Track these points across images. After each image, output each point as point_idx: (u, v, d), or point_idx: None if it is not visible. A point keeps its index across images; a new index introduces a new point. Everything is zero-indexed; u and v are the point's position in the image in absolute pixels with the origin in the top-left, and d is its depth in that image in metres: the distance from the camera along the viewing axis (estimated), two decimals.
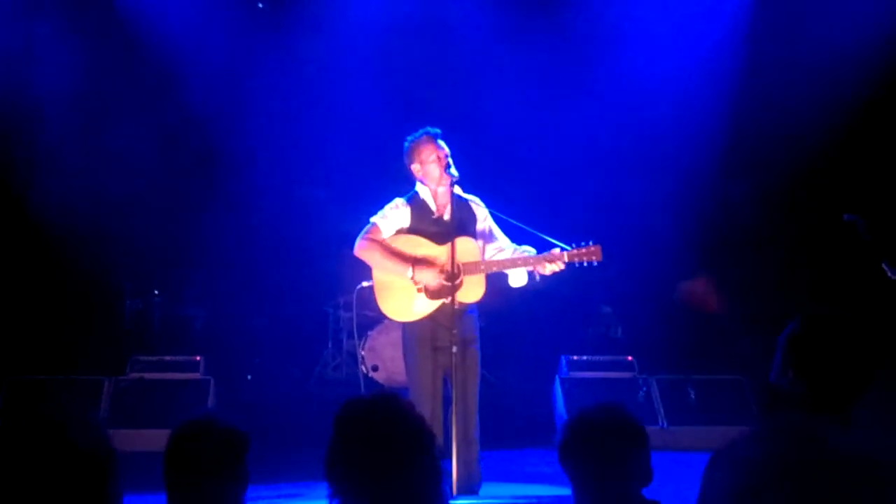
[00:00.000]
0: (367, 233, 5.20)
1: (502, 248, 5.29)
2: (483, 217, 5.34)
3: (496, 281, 5.29)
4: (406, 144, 5.27)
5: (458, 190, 5.21)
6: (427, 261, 5.10)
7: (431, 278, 5.05)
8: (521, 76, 8.58)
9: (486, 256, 5.24)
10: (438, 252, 5.11)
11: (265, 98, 8.51)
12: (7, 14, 7.78)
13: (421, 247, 5.15)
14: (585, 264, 5.01)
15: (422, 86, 8.54)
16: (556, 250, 5.03)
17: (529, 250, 5.14)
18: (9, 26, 7.76)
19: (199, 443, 2.52)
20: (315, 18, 8.53)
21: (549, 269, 5.02)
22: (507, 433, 6.89)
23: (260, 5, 8.76)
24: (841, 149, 8.08)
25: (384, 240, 5.17)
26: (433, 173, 5.18)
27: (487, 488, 5.12)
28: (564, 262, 5.01)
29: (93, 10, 8.11)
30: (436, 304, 5.08)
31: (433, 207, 5.23)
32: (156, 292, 8.57)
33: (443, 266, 5.07)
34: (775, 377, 2.60)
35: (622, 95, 8.41)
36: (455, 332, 4.85)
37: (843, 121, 7.93)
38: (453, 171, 5.10)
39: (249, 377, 8.39)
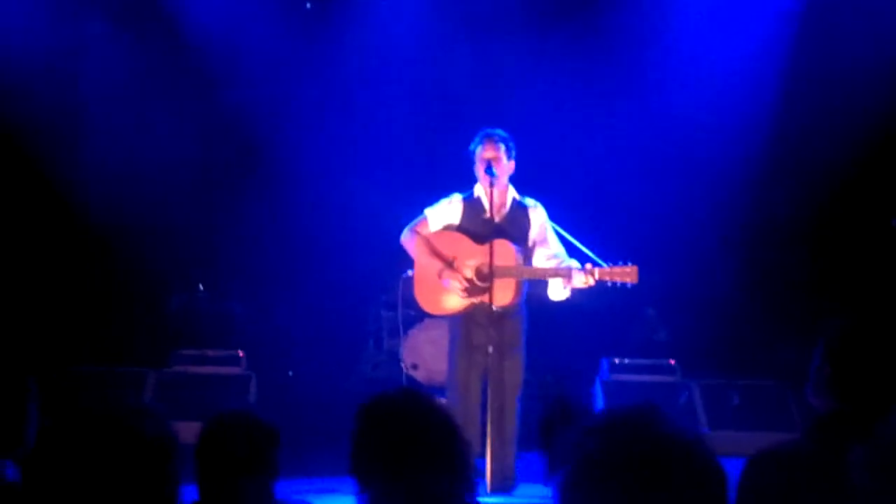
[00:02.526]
0: (415, 224, 5.33)
1: (553, 256, 5.27)
2: (539, 223, 5.32)
3: (539, 286, 5.28)
4: (470, 147, 5.35)
5: (512, 192, 5.26)
6: (458, 266, 5.13)
7: (455, 286, 5.07)
8: (565, 80, 8.51)
9: (536, 263, 5.22)
10: (476, 251, 5.13)
11: (311, 93, 8.53)
12: (57, 11, 7.90)
13: (460, 244, 5.19)
14: (619, 284, 4.95)
15: (466, 82, 8.52)
16: (589, 265, 4.99)
17: (575, 264, 5.11)
18: (59, 22, 7.88)
19: (229, 437, 2.56)
20: (362, 16, 8.55)
21: (576, 283, 4.98)
22: None
23: (308, 5, 8.80)
24: (888, 154, 7.92)
25: (430, 233, 5.23)
26: (478, 174, 5.24)
27: (523, 489, 5.10)
28: (595, 279, 4.96)
29: (140, 5, 8.21)
30: (465, 303, 5.10)
31: (486, 207, 5.24)
32: (200, 287, 8.66)
33: (477, 267, 5.10)
34: (812, 378, 2.55)
35: (666, 101, 8.30)
36: (491, 331, 4.86)
37: (890, 125, 7.77)
38: (495, 171, 5.12)
39: (291, 373, 8.43)
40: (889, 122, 7.77)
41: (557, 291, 5.16)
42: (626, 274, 4.92)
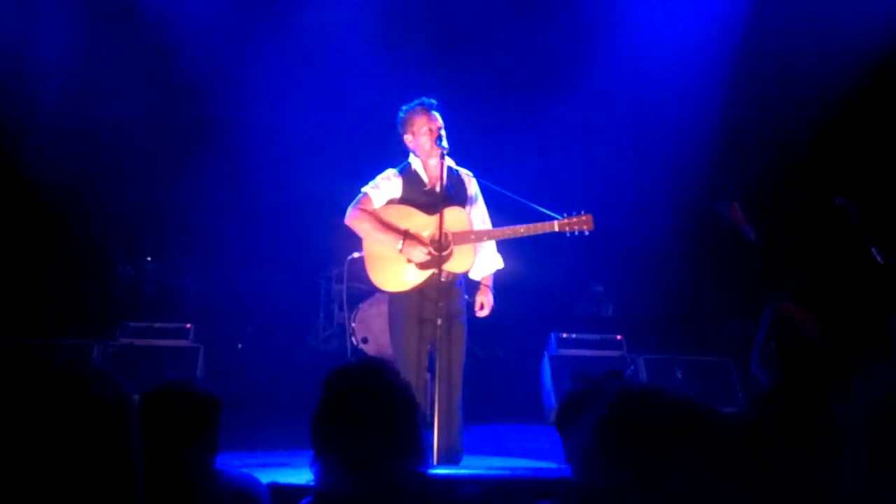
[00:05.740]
0: (358, 203, 5.18)
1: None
2: (473, 192, 5.33)
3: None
4: (400, 114, 5.25)
5: (450, 162, 5.21)
6: (416, 234, 5.11)
7: (419, 254, 5.05)
8: (518, 53, 8.54)
9: None
10: (428, 221, 5.11)
11: (262, 66, 8.46)
12: None
13: (411, 216, 5.15)
14: (576, 233, 5.02)
15: (418, 57, 8.49)
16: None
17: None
18: None
19: (165, 407, 2.51)
20: None
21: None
22: (494, 408, 6.91)
23: None
24: (834, 133, 8.07)
25: (375, 210, 5.17)
26: (424, 145, 5.16)
27: (468, 461, 5.14)
28: (555, 231, 5.02)
29: None
30: (426, 274, 5.08)
31: (425, 179, 5.22)
32: (148, 259, 8.58)
33: (432, 237, 5.08)
34: (758, 352, 2.61)
35: (618, 75, 8.38)
36: (440, 304, 4.87)
37: (837, 106, 7.92)
38: (444, 143, 5.10)
39: (240, 346, 8.40)
40: (838, 102, 7.91)
41: (479, 269, 5.23)
42: (582, 222, 5.01)
